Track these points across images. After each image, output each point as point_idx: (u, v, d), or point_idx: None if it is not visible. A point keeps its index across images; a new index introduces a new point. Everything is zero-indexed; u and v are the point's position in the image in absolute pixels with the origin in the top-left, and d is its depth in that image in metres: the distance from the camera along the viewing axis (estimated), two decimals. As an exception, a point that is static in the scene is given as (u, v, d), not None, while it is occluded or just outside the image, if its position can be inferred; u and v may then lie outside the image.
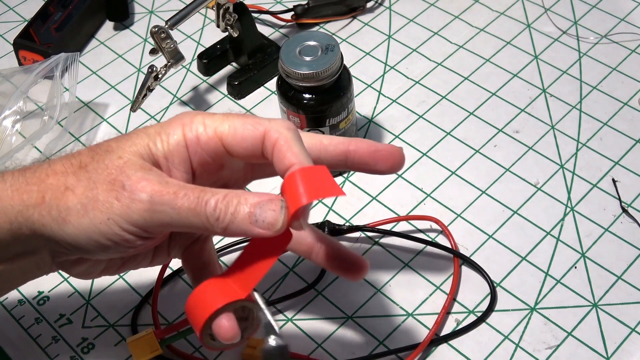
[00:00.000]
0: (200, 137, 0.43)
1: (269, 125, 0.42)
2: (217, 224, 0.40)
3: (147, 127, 0.44)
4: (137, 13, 0.83)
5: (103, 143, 0.44)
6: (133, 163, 0.42)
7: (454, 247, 0.60)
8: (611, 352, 0.54)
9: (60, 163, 0.44)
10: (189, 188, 0.41)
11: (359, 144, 0.46)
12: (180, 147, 0.43)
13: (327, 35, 0.60)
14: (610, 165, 0.65)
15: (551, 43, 0.75)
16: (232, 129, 0.43)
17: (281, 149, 0.41)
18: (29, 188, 0.43)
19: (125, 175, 0.41)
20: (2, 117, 0.68)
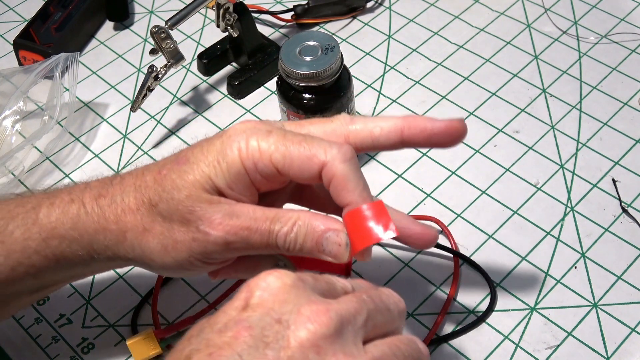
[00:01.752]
0: (257, 165, 0.43)
1: (326, 158, 0.42)
2: (287, 251, 0.43)
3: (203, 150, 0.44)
4: (137, 13, 0.83)
5: (167, 175, 0.44)
6: (199, 198, 0.43)
7: (454, 247, 0.60)
8: (611, 352, 0.54)
9: (132, 197, 0.45)
10: (260, 220, 0.43)
11: (412, 128, 0.44)
12: (241, 175, 0.43)
13: (327, 35, 0.60)
14: (610, 165, 0.65)
15: (551, 43, 0.75)
16: (287, 159, 0.42)
17: (338, 186, 0.42)
18: (109, 226, 0.45)
19: (197, 216, 0.43)
20: (2, 117, 0.68)
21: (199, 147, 0.44)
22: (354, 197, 0.42)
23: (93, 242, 0.46)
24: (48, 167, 0.70)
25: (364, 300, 0.38)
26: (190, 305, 0.59)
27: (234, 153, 0.43)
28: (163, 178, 0.44)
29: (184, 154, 0.45)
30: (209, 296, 0.59)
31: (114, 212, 0.45)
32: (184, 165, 0.44)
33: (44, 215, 0.46)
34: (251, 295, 0.37)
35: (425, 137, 0.45)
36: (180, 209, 0.43)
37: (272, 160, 0.42)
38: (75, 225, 0.46)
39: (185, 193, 0.43)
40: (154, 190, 0.44)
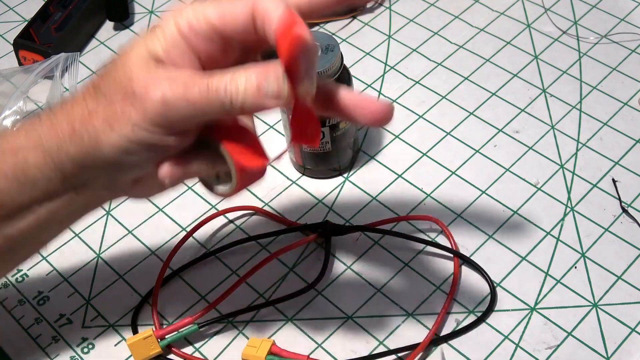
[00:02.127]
0: (191, 25, 0.42)
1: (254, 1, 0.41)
2: (232, 107, 0.41)
3: (144, 35, 0.44)
4: (137, 13, 0.83)
5: (109, 62, 0.44)
6: (137, 67, 0.42)
7: (454, 247, 0.60)
8: (611, 352, 0.54)
9: (79, 92, 0.45)
10: (197, 76, 0.42)
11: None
12: (176, 38, 0.42)
13: (327, 35, 0.60)
14: (610, 165, 0.65)
15: (551, 43, 0.75)
16: (219, 11, 0.42)
17: (266, 17, 0.41)
18: (59, 122, 0.45)
19: (134, 82, 0.42)
20: (2, 117, 0.68)
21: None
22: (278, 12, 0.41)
23: (47, 145, 0.45)
24: (48, 167, 0.70)
25: None
26: (190, 305, 0.59)
27: (169, 22, 0.43)
28: (106, 65, 0.44)
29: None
30: (209, 296, 0.59)
31: (64, 110, 0.45)
32: (124, 50, 0.44)
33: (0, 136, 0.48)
34: None
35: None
36: (119, 81, 0.43)
37: (206, 18, 0.42)
38: (28, 133, 0.46)
39: (123, 64, 0.43)
40: (97, 76, 0.45)
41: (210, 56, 0.43)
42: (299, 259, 0.61)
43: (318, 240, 0.61)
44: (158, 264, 0.61)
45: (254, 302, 0.59)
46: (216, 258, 0.62)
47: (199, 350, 0.56)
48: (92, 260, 0.62)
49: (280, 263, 0.61)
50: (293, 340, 0.56)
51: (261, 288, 0.59)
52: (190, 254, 0.62)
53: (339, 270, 0.60)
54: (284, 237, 0.62)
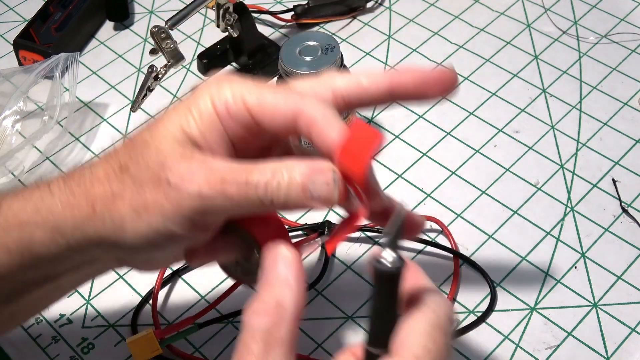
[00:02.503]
0: (229, 108, 0.39)
1: (302, 103, 0.39)
2: (273, 205, 0.38)
3: (177, 103, 0.41)
4: (137, 13, 0.83)
5: (137, 137, 0.41)
6: (172, 154, 0.39)
7: (454, 247, 0.60)
8: (611, 352, 0.54)
9: (101, 167, 0.41)
10: (236, 171, 0.38)
11: (403, 77, 0.41)
12: (213, 120, 0.40)
13: (327, 35, 0.60)
14: (610, 165, 0.65)
15: (551, 43, 0.75)
16: (261, 102, 0.39)
17: (318, 129, 0.39)
18: (77, 201, 0.41)
19: (168, 171, 0.39)
20: (2, 117, 0.68)
21: (171, 106, 0.41)
22: (337, 132, 0.39)
23: (60, 223, 0.41)
24: (48, 167, 0.70)
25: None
26: (190, 305, 0.59)
27: (206, 100, 0.40)
28: (133, 140, 0.41)
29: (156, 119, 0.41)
30: (208, 296, 0.59)
31: (82, 188, 0.41)
32: (154, 125, 0.41)
33: (7, 206, 0.42)
34: None
35: (415, 84, 0.41)
36: (151, 166, 0.39)
37: (245, 104, 0.39)
38: (38, 208, 0.42)
39: (156, 146, 0.39)
40: (123, 153, 0.41)
41: (242, 139, 0.41)
42: (299, 259, 0.61)
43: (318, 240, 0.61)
44: (158, 264, 0.61)
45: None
46: (216, 258, 0.62)
47: (199, 350, 0.56)
48: (92, 260, 0.62)
49: None
50: (293, 340, 0.56)
51: (261, 288, 0.59)
52: (190, 254, 0.62)
53: (339, 270, 0.60)
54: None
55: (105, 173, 0.41)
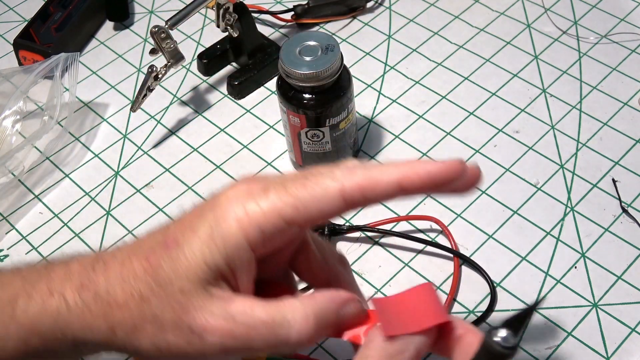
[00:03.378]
0: (264, 229, 0.37)
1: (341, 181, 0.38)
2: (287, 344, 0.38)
3: (193, 227, 0.38)
4: (137, 13, 0.83)
5: (155, 261, 0.38)
6: (195, 295, 0.37)
7: (454, 247, 0.60)
8: (611, 352, 0.54)
9: (119, 288, 0.39)
10: (261, 322, 0.37)
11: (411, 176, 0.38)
12: (242, 249, 0.37)
13: (327, 35, 0.60)
14: (610, 165, 0.65)
15: (551, 43, 0.75)
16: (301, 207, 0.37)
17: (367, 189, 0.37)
18: (96, 323, 0.39)
19: (190, 316, 0.37)
20: (2, 117, 0.68)
21: (187, 224, 0.39)
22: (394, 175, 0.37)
23: (78, 340, 0.40)
24: (48, 167, 0.70)
25: None
26: (190, 305, 0.59)
27: (231, 224, 0.37)
28: (153, 268, 0.38)
29: (172, 234, 0.39)
30: (209, 296, 0.59)
31: (100, 307, 0.39)
32: (174, 250, 0.38)
33: (21, 311, 0.40)
34: None
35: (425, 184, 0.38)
36: (174, 307, 0.38)
37: (282, 217, 0.37)
38: (56, 322, 0.40)
39: (179, 286, 0.38)
40: (144, 283, 0.38)
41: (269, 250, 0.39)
42: (299, 259, 0.61)
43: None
44: (158, 264, 0.61)
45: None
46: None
47: (199, 350, 0.56)
48: (92, 260, 0.62)
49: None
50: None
51: (261, 288, 0.59)
52: (190, 254, 0.62)
53: (339, 270, 0.60)
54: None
55: (125, 299, 0.39)
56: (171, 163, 0.69)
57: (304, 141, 0.63)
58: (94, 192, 0.67)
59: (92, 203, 0.66)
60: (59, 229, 0.65)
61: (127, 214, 0.65)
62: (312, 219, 0.37)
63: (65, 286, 0.40)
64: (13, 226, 0.66)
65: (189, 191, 0.66)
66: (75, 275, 0.40)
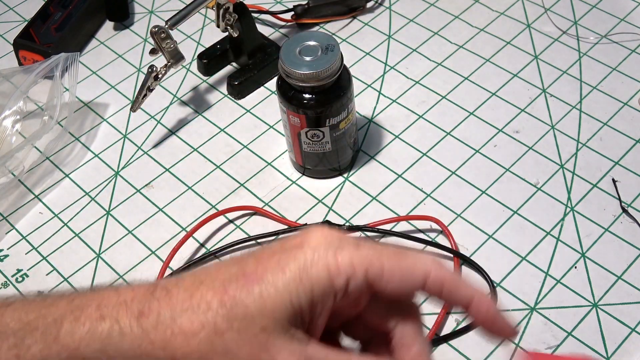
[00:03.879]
0: (350, 282, 0.37)
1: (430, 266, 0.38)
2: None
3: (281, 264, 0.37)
4: (137, 13, 0.83)
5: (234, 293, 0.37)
6: (276, 334, 0.37)
7: (454, 247, 0.60)
8: (611, 352, 0.54)
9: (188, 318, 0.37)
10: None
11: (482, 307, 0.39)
12: (327, 296, 0.37)
13: (327, 35, 0.60)
14: (610, 165, 0.65)
15: (551, 43, 0.75)
16: (387, 272, 0.38)
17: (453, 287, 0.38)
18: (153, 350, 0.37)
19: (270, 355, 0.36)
20: (2, 117, 0.68)
21: (274, 261, 0.37)
22: (471, 291, 0.38)
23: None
24: (48, 167, 0.70)
25: None
26: (190, 305, 0.59)
27: (321, 270, 0.37)
28: (232, 301, 0.37)
29: (254, 269, 0.37)
30: (209, 296, 0.59)
31: (162, 335, 0.37)
32: (257, 285, 0.37)
33: (66, 332, 0.39)
34: None
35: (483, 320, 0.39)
36: (253, 344, 0.37)
37: (367, 275, 0.37)
38: (105, 347, 0.38)
39: (262, 324, 0.36)
40: (221, 316, 0.37)
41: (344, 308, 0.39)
42: (299, 259, 0.61)
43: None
44: (158, 264, 0.61)
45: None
46: (216, 258, 0.62)
47: (199, 350, 0.56)
48: (92, 260, 0.62)
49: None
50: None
51: (261, 288, 0.59)
52: (190, 254, 0.62)
53: (339, 270, 0.60)
54: (284, 237, 0.62)
55: (194, 330, 0.37)
56: (171, 163, 0.69)
57: (304, 141, 0.63)
58: (94, 192, 0.67)
59: (92, 203, 0.66)
60: (59, 229, 0.65)
61: (127, 214, 0.65)
62: (391, 288, 0.37)
63: (120, 312, 0.38)
64: (13, 226, 0.66)
65: (189, 191, 0.66)
66: (133, 302, 0.38)
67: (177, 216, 0.65)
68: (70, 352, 0.38)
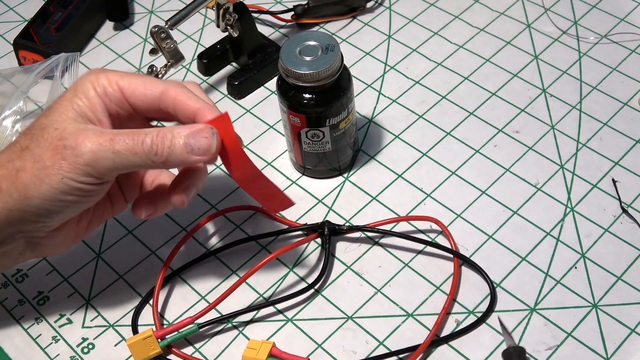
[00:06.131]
0: (106, 90, 0.50)
1: (166, 85, 0.50)
2: (157, 158, 0.48)
3: (62, 94, 0.50)
4: (137, 13, 0.83)
5: (35, 123, 0.49)
6: (67, 125, 0.48)
7: (454, 247, 0.60)
8: (611, 353, 0.54)
9: (4, 155, 0.49)
10: (124, 132, 0.48)
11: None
12: (97, 99, 0.49)
13: (327, 35, 0.60)
14: (610, 165, 0.65)
15: (551, 43, 0.75)
16: (132, 85, 0.50)
17: (182, 101, 0.50)
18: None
19: (65, 139, 0.47)
20: (2, 117, 0.68)
21: (58, 97, 0.50)
22: (200, 103, 0.50)
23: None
24: (48, 167, 0.70)
25: None
26: (190, 305, 0.59)
27: (87, 85, 0.50)
28: (32, 127, 0.49)
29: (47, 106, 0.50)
30: (209, 296, 0.59)
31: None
32: (49, 112, 0.49)
33: None
34: None
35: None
36: (50, 140, 0.47)
37: (118, 85, 0.50)
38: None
39: (54, 126, 0.48)
40: (23, 140, 0.49)
41: (119, 119, 0.51)
42: (299, 259, 0.61)
43: (318, 240, 0.61)
44: (158, 264, 0.61)
45: (254, 302, 0.59)
46: (216, 258, 0.62)
47: (199, 350, 0.56)
48: (92, 260, 0.62)
49: (281, 263, 0.61)
50: (293, 340, 0.56)
51: (261, 288, 0.59)
52: (190, 254, 0.62)
53: (339, 270, 0.60)
54: (283, 237, 0.62)
55: (8, 157, 0.49)
56: (171, 163, 0.69)
57: (304, 141, 0.63)
58: (94, 192, 0.67)
59: (92, 203, 0.66)
60: (59, 229, 0.65)
61: (127, 213, 0.65)
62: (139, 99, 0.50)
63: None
64: (13, 226, 0.66)
65: (189, 191, 0.66)
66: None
67: (177, 216, 0.65)
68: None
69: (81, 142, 0.47)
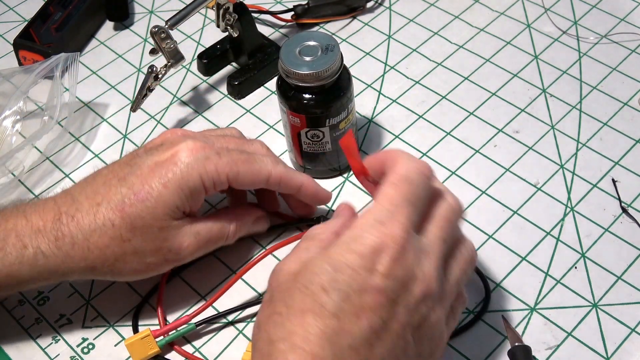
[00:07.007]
0: (215, 183, 0.53)
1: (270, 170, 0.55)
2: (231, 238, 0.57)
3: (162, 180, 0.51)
4: (137, 13, 0.83)
5: (130, 209, 0.51)
6: (171, 229, 0.52)
7: (454, 247, 0.60)
8: (611, 353, 0.54)
9: (98, 235, 0.51)
10: (215, 230, 0.55)
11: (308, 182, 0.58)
12: (201, 195, 0.53)
13: (327, 35, 0.60)
14: (610, 165, 0.65)
15: (551, 43, 0.75)
16: (240, 176, 0.54)
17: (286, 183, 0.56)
18: (75, 263, 0.51)
19: (169, 244, 0.52)
20: (2, 117, 0.68)
21: (155, 178, 0.51)
22: (300, 178, 0.57)
23: (59, 277, 0.52)
24: (48, 167, 0.70)
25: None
26: (190, 305, 0.59)
27: (196, 179, 0.52)
28: (130, 216, 0.51)
29: (140, 187, 0.51)
30: (209, 296, 0.59)
31: (79, 252, 0.50)
32: (148, 201, 0.51)
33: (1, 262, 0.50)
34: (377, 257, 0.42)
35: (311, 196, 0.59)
36: (154, 241, 0.51)
37: (228, 178, 0.53)
38: (33, 268, 0.50)
39: (158, 226, 0.51)
40: (124, 229, 0.51)
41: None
42: (298, 259, 0.61)
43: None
44: (158, 264, 0.61)
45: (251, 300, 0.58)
46: (216, 258, 0.62)
47: (198, 350, 0.56)
48: (92, 260, 0.62)
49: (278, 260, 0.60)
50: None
51: (260, 287, 0.59)
52: (190, 254, 0.62)
53: (338, 270, 0.60)
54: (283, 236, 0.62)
55: (105, 243, 0.51)
56: (171, 163, 0.69)
57: (304, 141, 0.63)
58: (94, 192, 0.67)
59: (92, 203, 0.66)
60: (59, 229, 0.65)
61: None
62: (244, 186, 0.55)
63: (39, 239, 0.50)
64: (13, 226, 0.66)
65: (189, 191, 0.66)
66: (46, 230, 0.51)
67: (177, 216, 0.64)
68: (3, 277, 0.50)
69: (185, 249, 0.53)
